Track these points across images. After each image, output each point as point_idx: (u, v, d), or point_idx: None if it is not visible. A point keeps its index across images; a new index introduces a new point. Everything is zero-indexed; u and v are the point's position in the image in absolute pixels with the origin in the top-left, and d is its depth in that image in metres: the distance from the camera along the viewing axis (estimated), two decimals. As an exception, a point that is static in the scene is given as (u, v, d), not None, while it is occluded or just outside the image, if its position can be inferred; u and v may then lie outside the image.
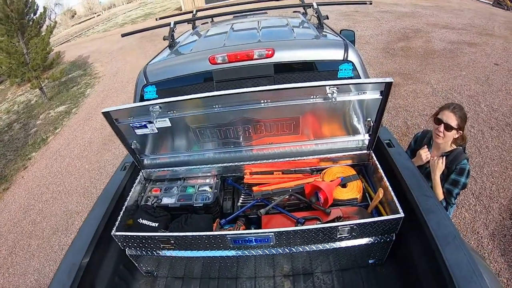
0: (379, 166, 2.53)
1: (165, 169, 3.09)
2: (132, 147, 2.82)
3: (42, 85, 11.78)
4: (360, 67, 2.91)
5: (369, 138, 2.62)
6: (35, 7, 13.14)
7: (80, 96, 11.55)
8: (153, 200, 2.97)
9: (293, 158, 2.80)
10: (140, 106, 2.45)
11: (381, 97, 2.24)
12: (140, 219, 2.74)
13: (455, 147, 2.77)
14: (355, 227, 2.06)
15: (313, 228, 2.07)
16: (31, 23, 12.75)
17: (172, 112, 2.50)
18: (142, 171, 3.10)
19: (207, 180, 3.13)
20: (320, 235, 2.11)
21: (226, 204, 3.02)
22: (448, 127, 2.64)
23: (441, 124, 2.68)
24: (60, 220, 5.72)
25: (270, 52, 2.87)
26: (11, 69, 11.43)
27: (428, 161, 2.81)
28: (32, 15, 13.04)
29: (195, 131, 2.72)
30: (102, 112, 2.45)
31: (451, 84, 7.32)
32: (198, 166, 2.99)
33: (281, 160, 2.81)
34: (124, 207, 2.68)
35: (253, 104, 2.36)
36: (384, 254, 2.32)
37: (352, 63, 2.88)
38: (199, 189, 3.05)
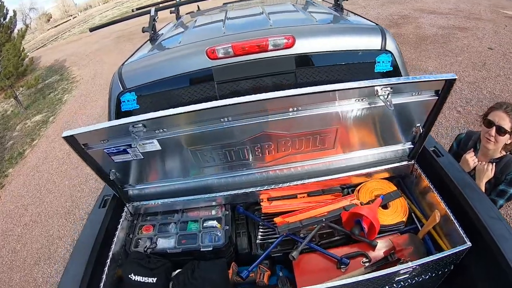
0: (427, 180, 2.17)
1: (157, 201, 2.43)
2: (111, 178, 2.16)
3: (17, 93, 11.22)
4: (400, 59, 2.34)
5: (411, 146, 2.23)
6: (4, 11, 12.37)
7: (57, 103, 11.03)
8: (145, 245, 2.30)
9: (320, 178, 2.31)
10: (114, 125, 1.77)
11: (437, 97, 1.80)
12: (132, 274, 2.09)
13: (504, 153, 2.46)
14: (417, 267, 1.69)
15: (372, 278, 1.64)
16: (0, 28, 11.93)
17: (161, 130, 1.88)
18: (127, 205, 2.43)
19: (213, 212, 2.48)
20: (375, 283, 1.71)
21: (241, 241, 2.40)
22: (501, 130, 2.31)
23: (492, 126, 2.34)
24: (41, 247, 5.22)
25: (289, 40, 2.18)
26: (-18, 79, 10.93)
27: (474, 168, 2.49)
28: (1, 19, 12.28)
29: (195, 153, 2.09)
30: (64, 137, 1.78)
31: (449, 71, 7.00)
32: (199, 196, 2.40)
33: (306, 181, 2.31)
34: (108, 259, 2.08)
35: (277, 114, 1.84)
36: (435, 285, 1.99)
37: (391, 53, 2.29)
38: (204, 224, 2.39)
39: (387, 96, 1.71)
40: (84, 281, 1.89)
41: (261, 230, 2.36)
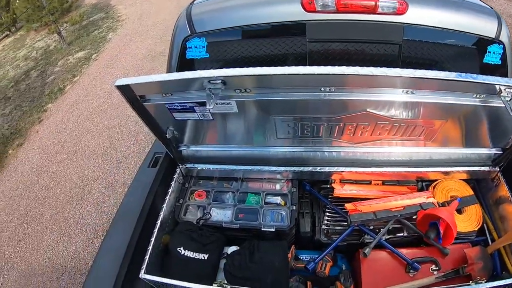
0: (509, 192, 1.94)
1: (214, 166, 2.17)
2: (167, 136, 1.90)
3: (61, 29, 10.91)
4: (510, 53, 2.03)
5: (499, 152, 1.99)
6: None
7: (101, 40, 10.69)
8: (196, 214, 2.08)
9: (400, 169, 2.08)
10: (185, 78, 1.47)
11: None
12: (181, 248, 1.86)
13: None
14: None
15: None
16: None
17: (244, 91, 1.56)
18: (180, 166, 2.16)
19: (277, 187, 2.20)
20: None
21: (304, 223, 2.14)
22: None
23: None
24: (75, 186, 5.12)
25: (402, 5, 1.83)
26: (27, 13, 10.85)
27: None
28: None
29: (275, 122, 1.80)
30: (117, 86, 1.49)
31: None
32: (264, 167, 2.13)
33: (384, 169, 2.08)
34: (156, 228, 1.85)
35: (389, 94, 1.57)
36: None
37: (503, 45, 1.99)
38: (267, 199, 2.13)
39: (510, 99, 1.44)
40: (129, 250, 1.71)
41: (328, 214, 2.10)
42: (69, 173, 5.43)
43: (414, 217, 1.93)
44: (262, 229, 1.96)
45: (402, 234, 1.99)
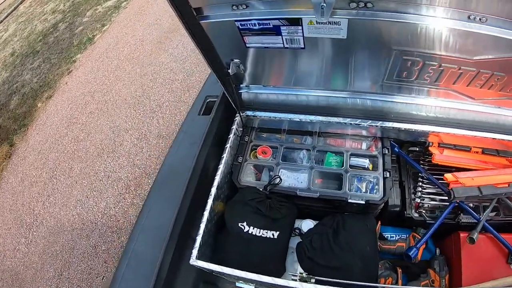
0: None
1: (282, 115, 1.68)
2: (230, 71, 1.42)
3: None
4: None
5: None
6: None
7: None
8: (262, 178, 1.63)
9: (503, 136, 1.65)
10: None
11: None
12: (244, 223, 1.40)
13: None
14: None
15: None
16: None
17: (364, 6, 1.06)
18: (241, 113, 1.70)
19: (364, 146, 1.73)
20: None
21: (394, 194, 1.66)
22: None
23: None
24: (105, 138, 4.90)
25: None
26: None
27: None
28: None
29: (394, 59, 1.31)
30: None
31: None
32: (347, 119, 1.66)
33: (486, 134, 1.65)
34: (212, 194, 1.41)
35: None
36: None
37: None
38: (352, 161, 1.65)
39: None
40: (175, 228, 1.34)
41: (422, 185, 1.70)
42: (99, 124, 5.19)
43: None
44: (349, 201, 1.51)
45: (499, 216, 1.62)
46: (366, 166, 1.63)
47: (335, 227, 1.45)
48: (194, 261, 1.26)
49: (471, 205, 1.62)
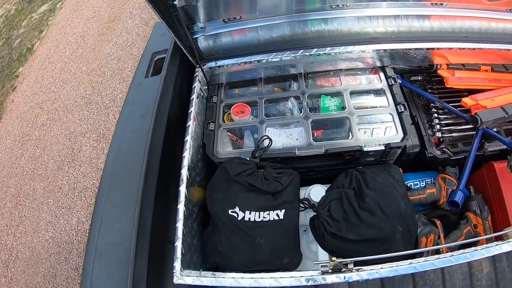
0: None
1: (255, 57, 1.31)
2: (176, 1, 1.04)
3: None
4: None
5: None
6: None
7: None
8: (247, 144, 1.25)
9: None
10: None
11: None
12: (236, 208, 1.07)
13: None
14: None
15: None
16: None
17: None
18: (202, 66, 1.31)
19: (363, 80, 1.45)
20: None
21: (409, 133, 1.34)
22: None
23: None
24: (63, 148, 4.69)
25: None
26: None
27: None
28: None
29: None
30: None
31: None
32: (335, 48, 1.34)
33: (483, 45, 1.49)
34: (183, 182, 1.04)
35: None
36: None
37: None
38: (354, 100, 1.35)
39: None
40: (141, 240, 0.99)
41: (439, 116, 1.50)
42: (53, 135, 4.95)
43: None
44: (365, 149, 1.18)
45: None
46: (373, 104, 1.29)
47: (356, 187, 1.10)
48: (179, 278, 0.90)
49: (495, 130, 1.45)
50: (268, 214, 1.03)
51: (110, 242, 1.01)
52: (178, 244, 0.97)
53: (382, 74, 1.45)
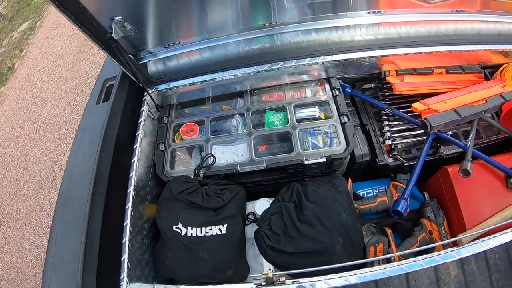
0: None
1: (202, 78, 1.36)
2: (114, 34, 1.09)
3: None
4: None
5: None
6: None
7: (43, 6, 9.97)
8: (193, 163, 1.29)
9: (459, 47, 1.50)
10: None
11: None
12: (179, 224, 1.13)
13: None
14: None
15: None
16: None
17: None
18: (149, 90, 1.36)
19: (308, 93, 1.46)
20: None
21: (358, 142, 1.42)
22: None
23: None
24: (44, 168, 4.71)
25: None
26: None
27: None
28: None
29: None
30: None
31: None
32: (279, 62, 1.36)
33: (434, 48, 1.48)
34: (129, 201, 1.11)
35: None
36: None
37: None
38: (298, 114, 1.38)
39: None
40: (89, 257, 1.03)
41: (389, 123, 1.52)
42: (34, 155, 4.98)
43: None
44: (306, 162, 1.21)
45: (481, 139, 1.50)
46: (316, 116, 1.32)
47: (297, 200, 1.14)
48: None
49: (450, 133, 1.46)
50: (210, 229, 1.08)
51: (64, 258, 1.06)
52: (125, 259, 1.02)
53: (327, 86, 1.46)
